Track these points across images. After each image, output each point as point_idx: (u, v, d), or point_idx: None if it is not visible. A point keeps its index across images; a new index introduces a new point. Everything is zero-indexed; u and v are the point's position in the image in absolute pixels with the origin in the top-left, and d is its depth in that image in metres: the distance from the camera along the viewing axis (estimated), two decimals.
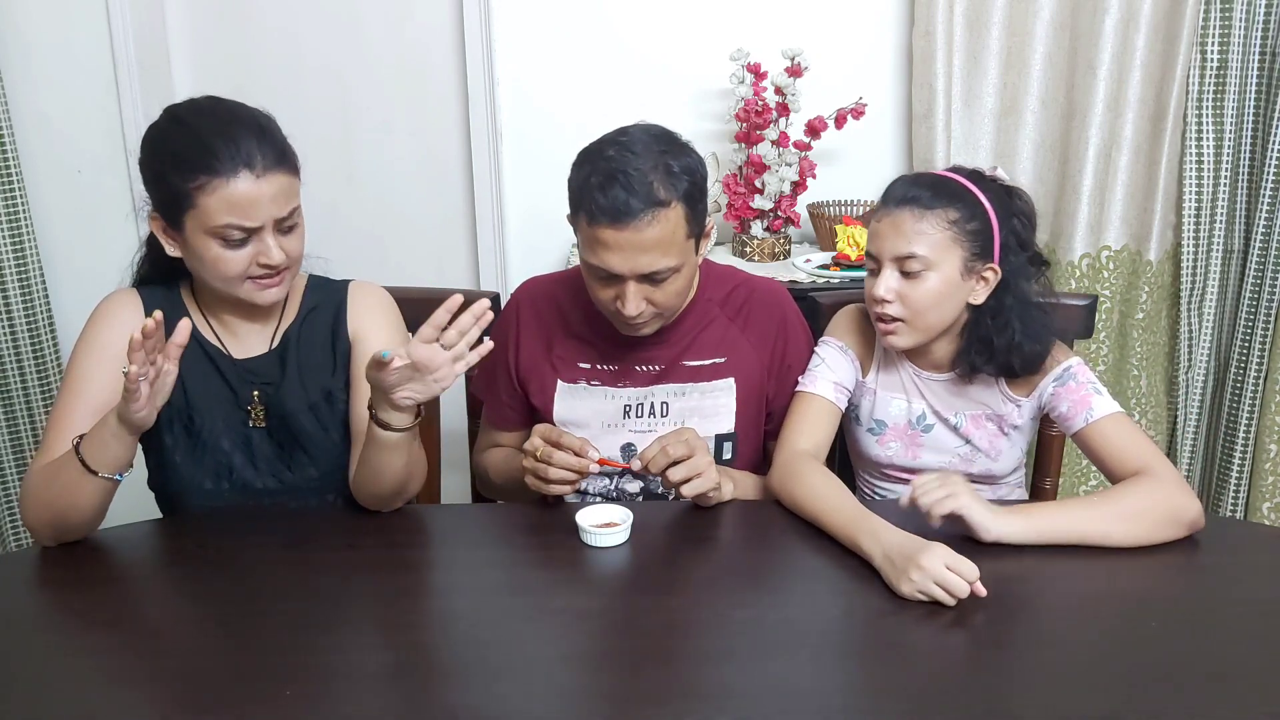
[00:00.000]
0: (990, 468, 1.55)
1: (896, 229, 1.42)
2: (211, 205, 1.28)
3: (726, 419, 1.55)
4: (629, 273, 1.38)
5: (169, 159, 1.30)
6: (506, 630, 1.15)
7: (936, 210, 1.41)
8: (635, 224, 1.34)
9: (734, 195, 2.36)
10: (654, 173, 1.35)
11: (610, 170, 1.35)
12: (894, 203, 1.43)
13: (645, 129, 1.42)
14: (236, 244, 1.31)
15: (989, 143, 2.43)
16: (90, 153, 2.48)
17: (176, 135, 1.32)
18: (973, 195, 1.43)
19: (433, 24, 2.53)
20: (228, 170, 1.28)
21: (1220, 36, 2.30)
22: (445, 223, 2.67)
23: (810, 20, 2.45)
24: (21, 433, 2.42)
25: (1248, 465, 2.44)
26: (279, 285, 1.37)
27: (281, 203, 1.33)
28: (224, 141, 1.29)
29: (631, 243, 1.36)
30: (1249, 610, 1.18)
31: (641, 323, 1.45)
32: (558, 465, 1.37)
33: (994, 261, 1.43)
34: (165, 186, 1.31)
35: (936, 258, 1.41)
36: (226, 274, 1.33)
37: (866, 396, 1.57)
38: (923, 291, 1.42)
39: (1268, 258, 2.32)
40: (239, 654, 1.12)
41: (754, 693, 1.03)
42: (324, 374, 1.47)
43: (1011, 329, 1.44)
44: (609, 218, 1.34)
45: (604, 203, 1.34)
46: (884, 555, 1.22)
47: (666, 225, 1.36)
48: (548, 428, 1.42)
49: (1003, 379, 1.50)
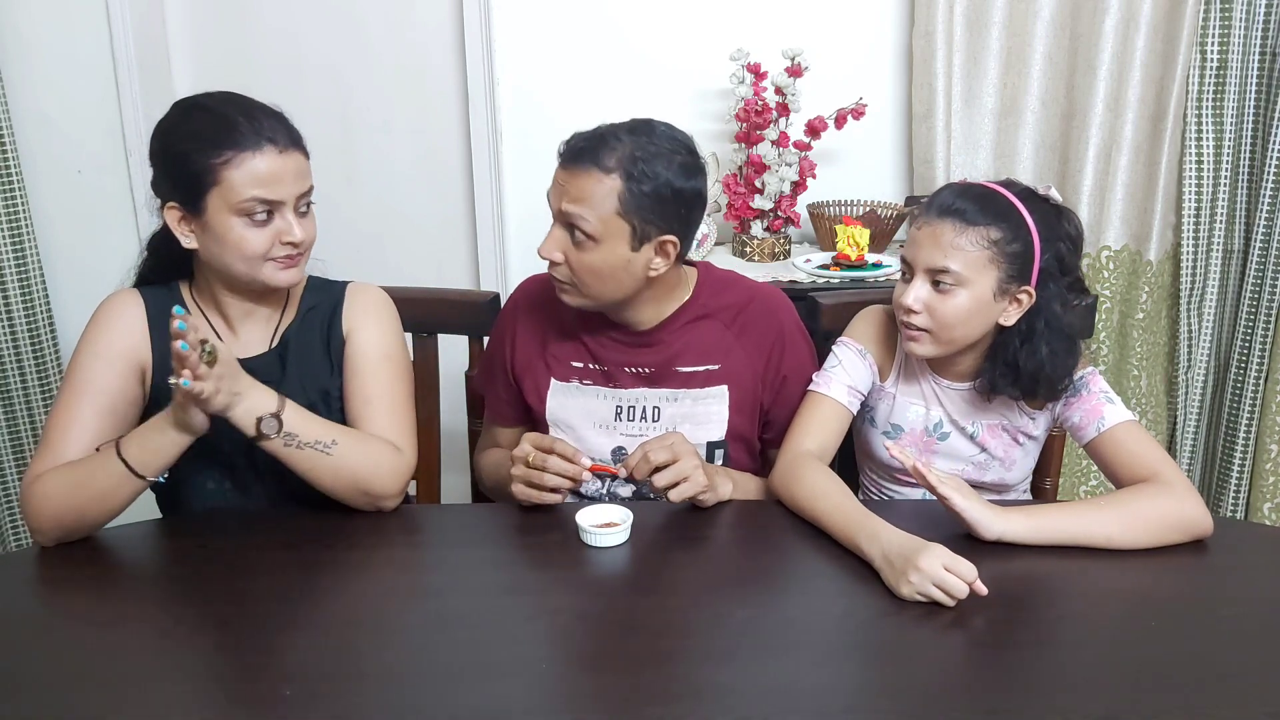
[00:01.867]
0: (1004, 476, 1.55)
1: (934, 240, 1.38)
2: (237, 179, 1.30)
3: (718, 426, 1.55)
4: (554, 208, 1.44)
5: (190, 139, 1.32)
6: (506, 630, 1.15)
7: (978, 227, 1.37)
8: (573, 167, 1.41)
9: (734, 195, 2.36)
10: (621, 146, 1.40)
11: (602, 127, 1.43)
12: (937, 212, 1.39)
13: (668, 127, 1.46)
14: (260, 222, 1.33)
15: (989, 143, 2.43)
16: (90, 153, 2.48)
17: (196, 118, 1.34)
18: (1019, 215, 1.38)
19: (433, 24, 2.53)
20: (253, 144, 1.31)
21: (1220, 36, 2.30)
22: (445, 223, 2.67)
23: (810, 20, 2.45)
24: (21, 433, 2.42)
25: (1248, 465, 2.44)
26: (297, 266, 1.39)
27: (302, 181, 1.36)
28: (246, 119, 1.32)
29: (563, 180, 1.43)
30: (1249, 610, 1.18)
31: (560, 280, 1.47)
32: (552, 471, 1.37)
33: (1030, 285, 1.40)
34: (186, 167, 1.31)
35: (970, 275, 1.37)
36: (250, 253, 1.34)
37: (885, 401, 1.56)
38: (951, 307, 1.39)
39: (1268, 258, 2.32)
40: (239, 654, 1.12)
41: (754, 693, 1.03)
42: (322, 374, 1.47)
43: (1039, 355, 1.40)
44: (562, 154, 1.44)
45: (569, 142, 1.44)
46: (883, 556, 1.21)
47: (595, 185, 1.40)
48: (538, 435, 1.42)
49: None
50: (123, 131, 2.46)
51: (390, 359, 1.48)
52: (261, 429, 1.31)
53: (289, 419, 1.33)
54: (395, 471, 1.40)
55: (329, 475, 1.36)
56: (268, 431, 1.31)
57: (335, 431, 1.38)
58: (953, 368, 1.50)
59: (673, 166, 1.41)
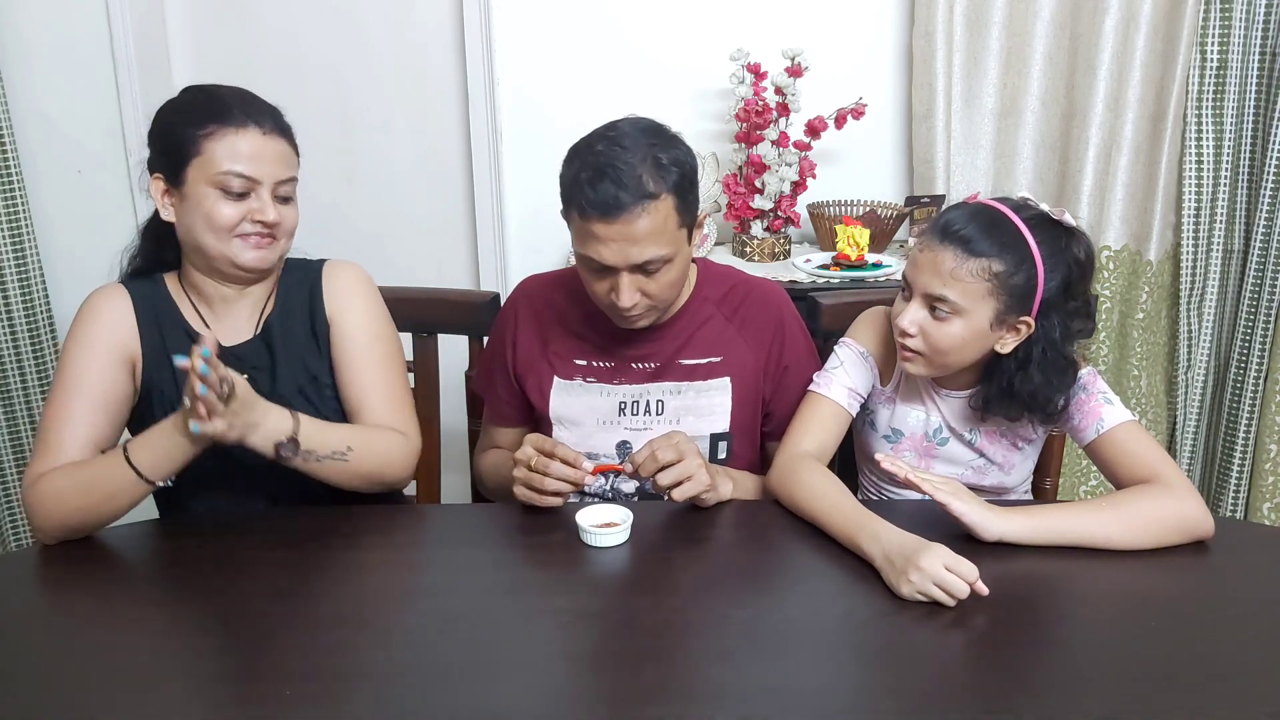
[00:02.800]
0: (1003, 480, 1.55)
1: (934, 267, 1.36)
2: (218, 151, 1.34)
3: (722, 418, 1.55)
4: (622, 264, 1.39)
5: (180, 112, 1.38)
6: (506, 630, 1.15)
7: (980, 259, 1.33)
8: (626, 217, 1.35)
9: (734, 195, 2.36)
10: (643, 165, 1.36)
11: (599, 165, 1.36)
12: (939, 236, 1.36)
13: (633, 122, 1.42)
14: (235, 196, 1.35)
15: (989, 143, 2.43)
16: (90, 153, 2.48)
17: (193, 96, 1.40)
18: (1025, 247, 1.34)
19: (433, 24, 2.53)
20: (238, 123, 1.35)
21: (1220, 36, 2.30)
22: (445, 223, 2.67)
23: (810, 20, 2.46)
24: (22, 433, 2.42)
25: (1248, 465, 2.44)
26: (267, 249, 1.40)
27: (283, 167, 1.39)
28: (238, 102, 1.38)
29: (623, 235, 1.36)
30: (1249, 610, 1.18)
31: (637, 315, 1.46)
32: (554, 476, 1.37)
33: (1030, 315, 1.37)
34: (173, 137, 1.36)
35: (968, 306, 1.35)
36: (219, 224, 1.36)
37: (885, 405, 1.55)
38: (946, 334, 1.38)
39: (1268, 258, 2.32)
40: (239, 654, 1.12)
41: (754, 693, 1.03)
42: (310, 358, 1.47)
43: (1034, 381, 1.39)
44: (600, 211, 1.35)
45: (594, 197, 1.35)
46: (884, 556, 1.21)
47: (657, 217, 1.37)
48: (540, 438, 1.41)
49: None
50: (123, 131, 2.46)
51: (380, 339, 1.49)
52: (280, 453, 1.32)
53: (305, 437, 1.34)
54: (406, 458, 1.45)
55: (347, 477, 1.40)
56: (286, 455, 1.32)
57: (347, 436, 1.39)
58: (950, 379, 1.50)
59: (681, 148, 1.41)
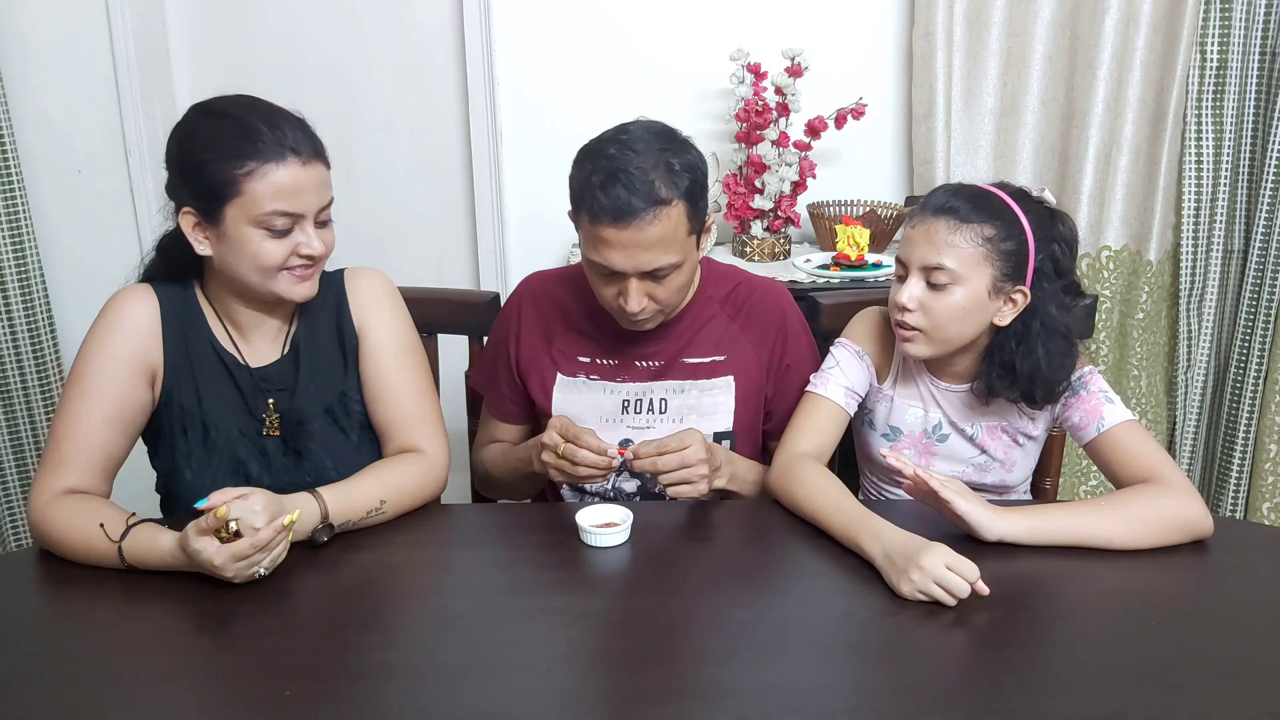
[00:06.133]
0: (1004, 478, 1.55)
1: (929, 238, 1.39)
2: (260, 191, 1.27)
3: (725, 417, 1.56)
4: (631, 270, 1.39)
5: (212, 147, 1.28)
6: (506, 630, 1.15)
7: (972, 224, 1.37)
8: (637, 223, 1.35)
9: (734, 195, 2.36)
10: (655, 171, 1.36)
11: (611, 169, 1.35)
12: (930, 211, 1.40)
13: (646, 126, 1.42)
14: (279, 233, 1.30)
15: (989, 143, 2.43)
16: (90, 153, 2.48)
17: (219, 125, 1.30)
18: (1012, 214, 1.39)
19: (433, 24, 2.53)
20: (275, 155, 1.27)
21: (1220, 36, 2.30)
22: (445, 223, 2.67)
23: (810, 20, 2.46)
24: (21, 433, 2.42)
25: (1248, 465, 2.44)
26: (312, 279, 1.36)
27: (323, 193, 1.34)
28: (269, 128, 1.28)
29: (634, 241, 1.36)
30: (1249, 610, 1.18)
31: (644, 318, 1.46)
32: (583, 464, 1.38)
33: (1025, 284, 1.40)
34: (207, 177, 1.27)
35: (965, 272, 1.37)
36: (266, 264, 1.31)
37: (883, 403, 1.56)
38: (946, 304, 1.39)
39: (1268, 258, 2.32)
40: (239, 654, 1.12)
41: (754, 693, 1.03)
42: (336, 374, 1.44)
43: (1035, 356, 1.40)
44: (611, 217, 1.35)
45: (606, 202, 1.35)
46: (885, 555, 1.21)
47: (668, 223, 1.37)
48: (565, 423, 1.41)
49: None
50: (123, 131, 2.46)
51: (408, 348, 1.47)
52: (317, 539, 1.30)
53: (336, 514, 1.31)
54: (436, 484, 1.44)
55: (388, 519, 1.38)
56: (322, 539, 1.30)
57: (375, 489, 1.36)
58: (950, 369, 1.50)
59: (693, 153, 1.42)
